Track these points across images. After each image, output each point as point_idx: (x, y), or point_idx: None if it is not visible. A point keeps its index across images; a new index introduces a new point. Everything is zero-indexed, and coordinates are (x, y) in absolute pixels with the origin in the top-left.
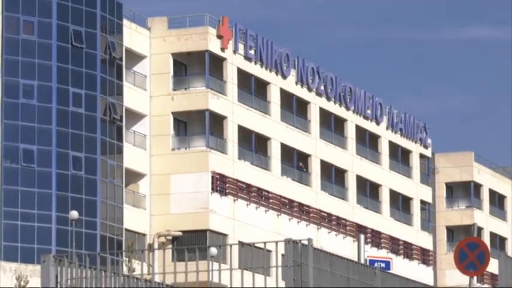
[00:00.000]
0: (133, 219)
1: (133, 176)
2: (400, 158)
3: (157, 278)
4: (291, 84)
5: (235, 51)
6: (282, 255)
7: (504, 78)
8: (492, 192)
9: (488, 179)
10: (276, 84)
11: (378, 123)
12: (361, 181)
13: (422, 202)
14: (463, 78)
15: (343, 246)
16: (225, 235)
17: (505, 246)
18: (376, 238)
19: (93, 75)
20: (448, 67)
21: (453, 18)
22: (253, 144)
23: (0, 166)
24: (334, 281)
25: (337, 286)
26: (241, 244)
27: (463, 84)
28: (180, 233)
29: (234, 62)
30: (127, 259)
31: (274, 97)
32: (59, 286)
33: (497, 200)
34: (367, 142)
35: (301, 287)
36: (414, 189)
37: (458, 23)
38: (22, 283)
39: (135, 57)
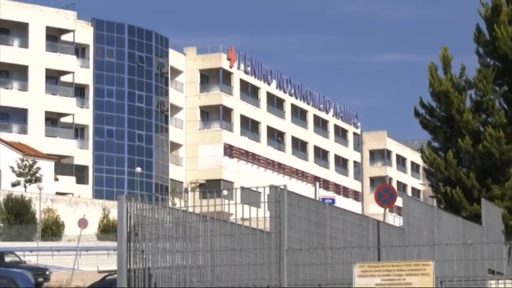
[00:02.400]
0: (175, 172)
1: (175, 146)
2: (341, 134)
3: (190, 210)
4: (273, 89)
5: (238, 68)
6: (268, 195)
7: (409, 84)
8: (398, 156)
9: (395, 148)
10: (264, 88)
11: (327, 112)
12: (317, 149)
13: (355, 162)
14: (382, 85)
15: (305, 190)
16: (232, 183)
17: (406, 189)
18: (326, 184)
19: (150, 83)
20: (372, 78)
21: (374, 47)
22: (250, 126)
23: (92, 140)
24: (300, 211)
25: (302, 214)
26: (242, 188)
27: (382, 89)
28: (204, 181)
29: (238, 75)
30: (171, 197)
31: (262, 97)
32: (128, 215)
33: (401, 160)
34: (321, 125)
35: (279, 215)
36: (349, 154)
37: (378, 50)
38: (106, 212)
39: (176, 72)
